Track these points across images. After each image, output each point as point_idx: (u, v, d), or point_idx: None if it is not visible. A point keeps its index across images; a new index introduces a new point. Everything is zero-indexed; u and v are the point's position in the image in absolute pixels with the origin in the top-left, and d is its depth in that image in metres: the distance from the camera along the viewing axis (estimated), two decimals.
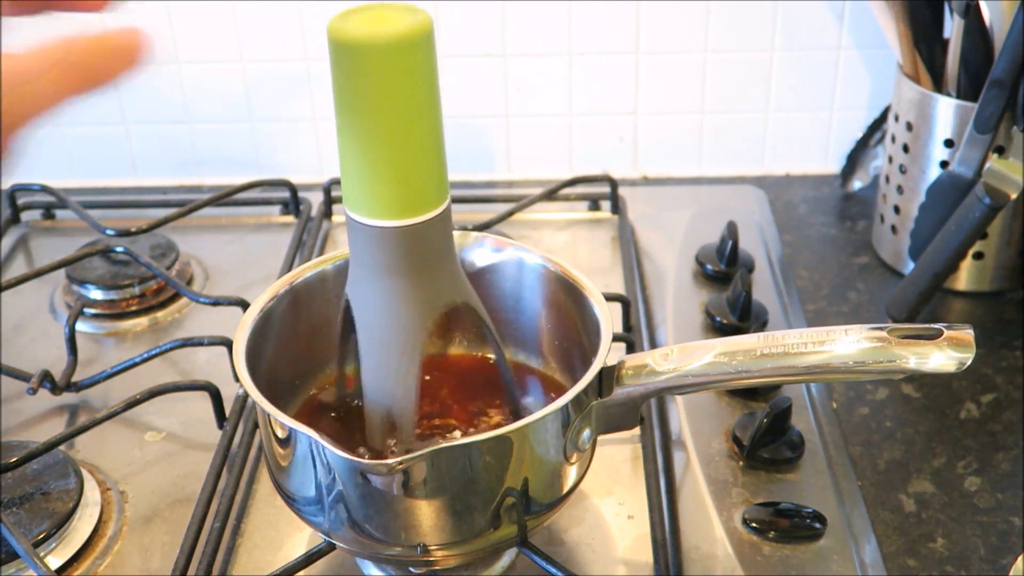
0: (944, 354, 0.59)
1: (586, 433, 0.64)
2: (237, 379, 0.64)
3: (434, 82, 0.57)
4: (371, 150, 0.57)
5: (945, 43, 0.92)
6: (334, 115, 0.57)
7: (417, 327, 0.62)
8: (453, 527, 0.61)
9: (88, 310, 0.93)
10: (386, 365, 0.63)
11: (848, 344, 0.60)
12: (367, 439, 0.66)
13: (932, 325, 0.60)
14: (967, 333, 0.59)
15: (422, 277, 0.61)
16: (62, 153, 1.14)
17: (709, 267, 0.95)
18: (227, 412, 0.80)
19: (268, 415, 0.61)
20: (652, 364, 0.64)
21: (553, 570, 0.65)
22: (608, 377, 0.64)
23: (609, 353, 0.64)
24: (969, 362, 0.59)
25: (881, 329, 0.60)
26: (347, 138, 0.57)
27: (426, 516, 0.60)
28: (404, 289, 0.61)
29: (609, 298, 0.82)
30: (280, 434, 0.62)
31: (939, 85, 0.93)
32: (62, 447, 0.77)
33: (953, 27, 0.88)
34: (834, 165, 1.14)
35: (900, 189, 0.96)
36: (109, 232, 0.97)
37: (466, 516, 0.61)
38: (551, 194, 1.03)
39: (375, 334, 0.63)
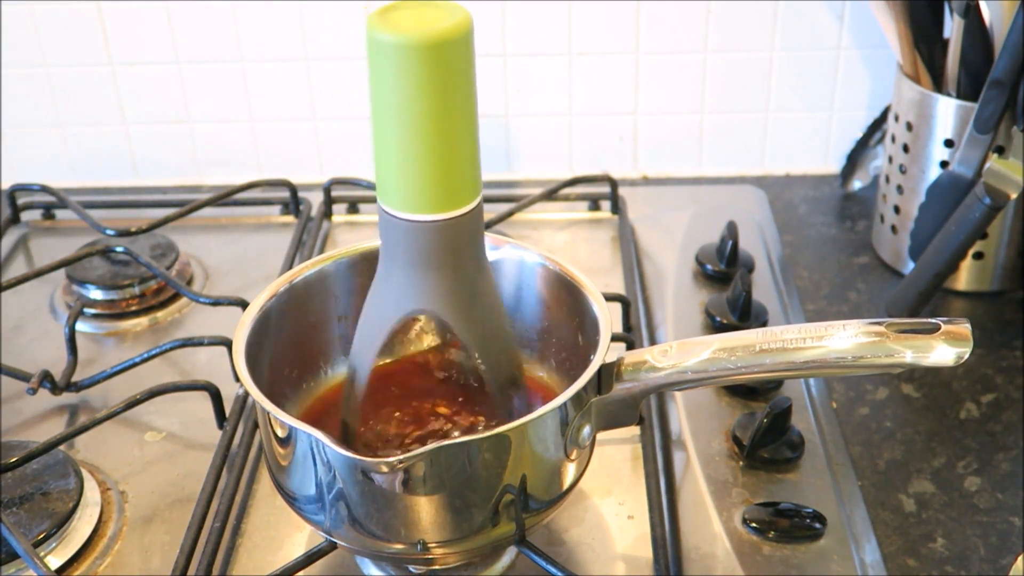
0: (942, 348, 0.59)
1: (586, 430, 0.64)
2: (237, 378, 0.64)
3: (472, 78, 0.57)
4: (409, 146, 0.57)
5: (945, 43, 0.92)
6: (370, 111, 0.57)
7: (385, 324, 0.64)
8: (452, 524, 0.61)
9: (88, 310, 0.93)
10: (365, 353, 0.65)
11: (846, 339, 0.60)
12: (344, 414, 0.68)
13: (929, 320, 0.60)
14: (964, 327, 0.59)
15: (452, 270, 0.61)
16: (62, 153, 1.14)
17: (709, 267, 0.95)
18: (227, 412, 0.80)
19: (268, 414, 0.61)
20: (651, 360, 0.64)
21: (553, 570, 0.65)
22: (607, 374, 0.64)
23: (608, 351, 0.64)
24: (967, 355, 0.59)
25: (879, 324, 0.60)
26: (387, 135, 0.57)
27: (426, 513, 0.60)
28: (435, 282, 0.61)
29: (609, 298, 0.82)
30: (280, 433, 0.62)
31: (939, 85, 0.93)
32: (62, 447, 0.77)
33: (953, 27, 0.88)
34: (834, 165, 1.14)
35: (900, 189, 0.96)
36: (109, 232, 0.97)
37: (465, 513, 0.61)
38: (551, 194, 1.03)
39: (369, 320, 0.64)
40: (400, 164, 0.58)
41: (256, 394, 0.61)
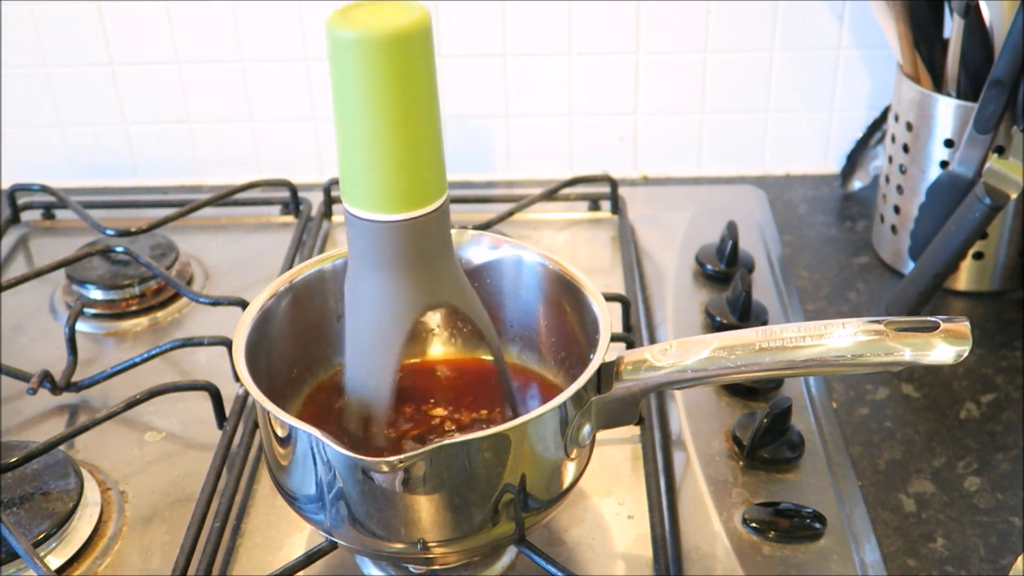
0: (941, 346, 0.59)
1: (586, 429, 0.64)
2: (237, 378, 0.64)
3: (432, 76, 0.58)
4: (370, 144, 0.57)
5: (945, 43, 0.92)
6: (332, 110, 0.58)
7: (402, 323, 0.63)
8: (452, 523, 0.61)
9: (88, 310, 0.93)
10: (368, 359, 0.64)
11: (845, 337, 0.60)
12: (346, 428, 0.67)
13: (928, 318, 0.60)
14: (963, 325, 0.59)
15: (419, 272, 0.62)
16: (62, 153, 1.14)
17: (709, 267, 0.95)
18: (227, 412, 0.80)
19: (268, 413, 0.61)
20: (651, 359, 0.64)
21: (553, 570, 0.65)
22: (607, 373, 0.64)
23: (608, 351, 0.64)
24: (966, 354, 0.59)
25: (878, 322, 0.60)
26: (346, 133, 0.58)
27: (426, 512, 0.60)
28: (398, 284, 0.62)
29: (609, 298, 0.82)
30: (280, 432, 0.62)
31: (939, 85, 0.93)
32: (62, 447, 0.77)
33: (953, 27, 0.88)
34: (834, 165, 1.14)
35: (900, 189, 0.96)
36: (109, 232, 0.97)
37: (465, 512, 0.61)
38: (551, 194, 1.03)
39: (362, 329, 0.64)
40: (362, 163, 0.58)
41: (256, 394, 0.61)
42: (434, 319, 0.76)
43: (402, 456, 0.56)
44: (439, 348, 0.77)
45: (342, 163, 0.59)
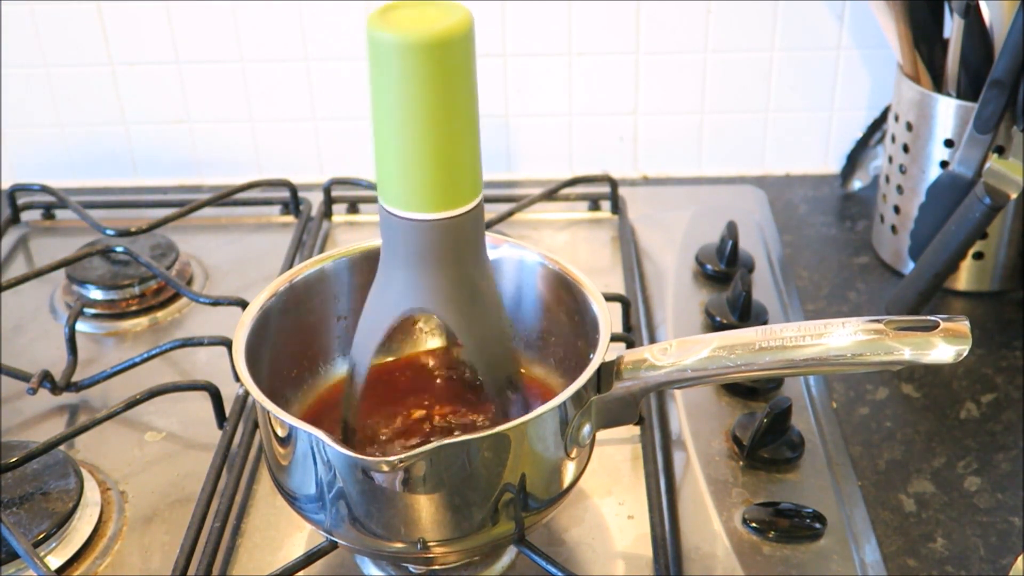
0: (941, 345, 0.59)
1: (586, 429, 0.64)
2: (237, 378, 0.64)
3: (473, 77, 0.57)
4: (409, 145, 0.57)
5: (945, 43, 0.92)
6: (371, 110, 0.57)
7: (391, 313, 0.64)
8: (452, 523, 0.61)
9: (88, 310, 0.93)
10: (357, 343, 0.65)
11: (845, 336, 0.60)
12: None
13: (928, 317, 0.60)
14: (963, 325, 0.59)
15: (453, 269, 0.62)
16: (62, 153, 1.14)
17: (709, 267, 0.95)
18: (227, 412, 0.80)
19: (268, 413, 0.61)
20: (651, 359, 0.64)
21: (553, 569, 0.65)
22: (607, 372, 0.64)
23: (608, 350, 0.64)
24: (966, 353, 0.59)
25: (878, 321, 0.60)
26: (384, 133, 0.57)
27: (426, 512, 0.60)
28: (428, 281, 0.62)
29: (609, 298, 0.82)
30: (280, 432, 0.62)
31: (939, 85, 0.93)
32: (62, 447, 0.77)
33: (953, 27, 0.88)
34: (834, 165, 1.14)
35: (900, 189, 0.96)
36: (109, 232, 0.97)
37: (465, 512, 0.61)
38: (551, 194, 1.03)
39: (368, 318, 0.65)
40: (401, 163, 0.58)
41: (256, 393, 0.61)
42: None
43: (402, 456, 0.56)
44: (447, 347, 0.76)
45: (379, 161, 0.59)
